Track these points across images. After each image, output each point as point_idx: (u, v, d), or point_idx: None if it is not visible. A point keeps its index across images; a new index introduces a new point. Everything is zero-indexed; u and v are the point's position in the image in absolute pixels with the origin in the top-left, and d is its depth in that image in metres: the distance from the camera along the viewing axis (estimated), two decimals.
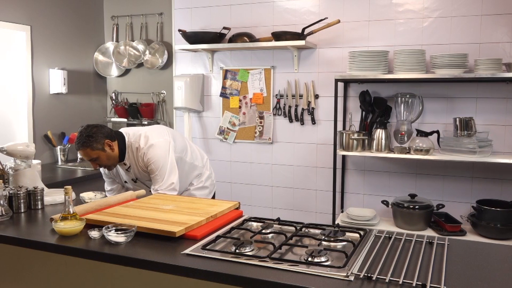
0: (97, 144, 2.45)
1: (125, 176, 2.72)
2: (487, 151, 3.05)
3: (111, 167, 2.61)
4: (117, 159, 2.56)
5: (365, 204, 3.62)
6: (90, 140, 2.44)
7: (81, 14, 4.34)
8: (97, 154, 2.46)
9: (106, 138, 2.49)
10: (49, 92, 4.05)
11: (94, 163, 2.50)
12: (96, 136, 2.46)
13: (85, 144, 2.43)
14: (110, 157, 2.52)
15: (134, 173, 2.65)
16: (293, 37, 3.55)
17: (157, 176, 2.54)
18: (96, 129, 2.49)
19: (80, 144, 2.45)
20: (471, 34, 3.25)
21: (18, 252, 1.91)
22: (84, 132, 2.46)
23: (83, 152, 2.46)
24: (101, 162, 2.51)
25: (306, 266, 1.50)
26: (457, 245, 1.78)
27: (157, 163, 2.54)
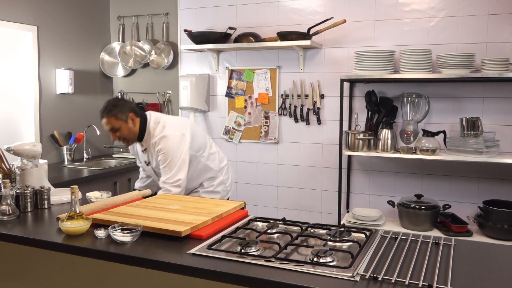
0: (122, 114, 2.53)
1: (141, 156, 2.77)
2: (494, 151, 3.03)
3: (129, 142, 2.65)
4: (136, 135, 2.62)
5: (371, 204, 3.61)
6: (116, 109, 2.52)
7: (88, 15, 4.36)
8: (120, 124, 2.53)
9: (131, 111, 2.57)
10: (55, 92, 4.07)
11: (115, 134, 2.56)
12: (123, 107, 2.55)
13: (111, 112, 2.51)
14: (131, 131, 2.58)
15: (148, 157, 2.69)
16: (298, 37, 3.54)
17: (165, 168, 2.55)
18: (123, 101, 2.61)
19: (106, 111, 2.52)
20: (478, 34, 3.23)
21: (24, 251, 1.92)
22: (111, 101, 2.56)
23: (107, 120, 2.53)
24: (121, 134, 2.56)
25: (312, 266, 1.50)
26: (463, 245, 1.77)
27: (166, 155, 2.54)
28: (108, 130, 2.58)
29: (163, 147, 2.55)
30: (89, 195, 2.38)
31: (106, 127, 2.56)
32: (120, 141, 2.64)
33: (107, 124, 2.55)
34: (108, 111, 2.53)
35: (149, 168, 2.77)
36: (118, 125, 2.53)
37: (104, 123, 2.56)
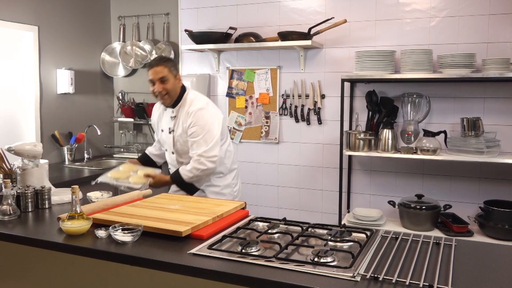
0: (174, 69, 2.64)
1: (165, 123, 2.78)
2: (495, 152, 3.03)
3: (167, 100, 2.66)
4: (176, 95, 2.67)
5: (372, 205, 3.61)
6: (171, 62, 2.65)
7: (88, 15, 4.36)
8: (169, 76, 2.59)
9: (178, 72, 2.70)
10: (56, 92, 4.07)
11: (162, 84, 2.58)
12: (175, 64, 2.70)
13: (165, 63, 2.59)
14: (174, 87, 2.64)
15: (175, 125, 2.71)
16: (299, 37, 3.54)
17: (200, 140, 2.58)
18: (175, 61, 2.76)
19: (162, 60, 2.60)
20: (479, 34, 3.23)
21: (25, 251, 1.92)
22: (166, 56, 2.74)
23: (161, 67, 2.57)
24: (167, 86, 2.60)
25: (312, 266, 1.50)
26: (464, 245, 1.76)
27: (203, 126, 2.59)
28: (156, 79, 2.58)
29: (200, 118, 2.60)
30: (89, 195, 2.39)
31: (156, 75, 2.57)
32: (159, 96, 2.64)
33: (158, 73, 2.56)
34: (164, 60, 2.61)
35: (169, 136, 2.76)
36: (167, 77, 2.58)
37: (154, 70, 2.57)
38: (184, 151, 2.72)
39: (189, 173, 2.61)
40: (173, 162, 2.83)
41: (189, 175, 2.61)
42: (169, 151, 2.82)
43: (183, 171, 2.63)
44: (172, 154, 2.80)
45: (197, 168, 2.60)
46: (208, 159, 2.59)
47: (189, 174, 2.61)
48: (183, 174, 2.62)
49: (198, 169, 2.60)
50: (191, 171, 2.61)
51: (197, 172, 2.60)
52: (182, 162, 2.76)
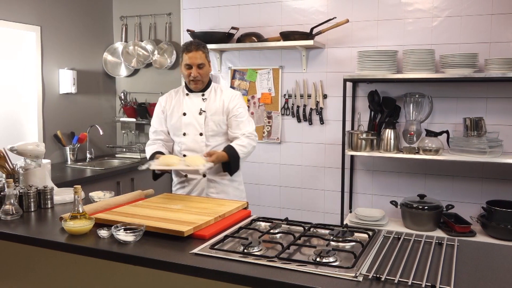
0: (208, 55, 2.70)
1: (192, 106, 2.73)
2: (498, 152, 3.02)
3: (200, 85, 2.69)
4: (207, 81, 2.74)
5: (374, 205, 3.61)
6: (207, 49, 2.69)
7: (90, 15, 4.37)
8: (205, 63, 2.65)
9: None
10: (58, 92, 4.08)
11: (199, 70, 2.62)
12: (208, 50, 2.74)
13: (203, 49, 2.65)
14: (207, 73, 2.71)
15: (206, 107, 2.71)
16: (301, 37, 3.54)
17: (246, 120, 2.73)
18: None
19: (200, 46, 2.64)
20: (481, 34, 3.22)
21: (28, 251, 1.93)
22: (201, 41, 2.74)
23: (199, 53, 2.62)
24: (203, 72, 2.65)
25: (315, 266, 1.50)
26: (467, 246, 1.76)
27: (246, 110, 2.77)
28: (194, 64, 2.61)
29: (242, 102, 2.77)
30: (92, 195, 2.39)
31: (195, 60, 2.60)
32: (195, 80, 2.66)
33: (197, 58, 2.60)
34: (202, 46, 2.64)
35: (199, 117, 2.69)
36: (204, 62, 2.64)
37: (194, 55, 2.60)
38: (215, 132, 2.70)
39: (244, 148, 2.64)
40: (198, 145, 2.69)
41: (244, 150, 2.65)
42: (194, 134, 2.70)
43: (238, 146, 2.63)
44: (200, 136, 2.69)
45: (251, 144, 2.69)
46: (256, 137, 2.74)
47: (244, 150, 2.64)
48: (238, 149, 2.62)
49: (251, 145, 2.69)
50: (246, 146, 2.65)
51: (250, 148, 2.69)
52: (208, 145, 2.69)
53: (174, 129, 2.77)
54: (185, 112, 2.73)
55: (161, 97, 2.87)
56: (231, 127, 2.71)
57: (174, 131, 2.78)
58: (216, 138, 2.72)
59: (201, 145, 2.70)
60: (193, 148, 2.72)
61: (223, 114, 2.71)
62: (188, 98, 2.76)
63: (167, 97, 2.84)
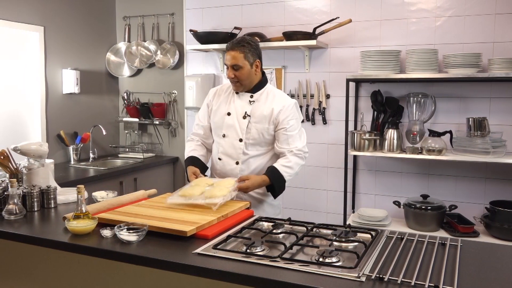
0: (251, 55, 2.38)
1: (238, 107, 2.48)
2: (501, 152, 3.01)
3: (240, 88, 2.45)
4: (253, 84, 2.45)
5: (377, 205, 3.60)
6: (248, 47, 2.37)
7: (94, 15, 4.37)
8: (244, 64, 2.37)
9: (259, 58, 2.44)
10: (62, 92, 4.09)
11: (234, 71, 2.38)
12: (256, 48, 2.41)
13: (242, 48, 2.36)
14: (250, 76, 2.41)
15: (252, 111, 2.45)
16: (304, 37, 3.54)
17: (297, 135, 2.44)
18: (256, 44, 2.43)
19: (238, 45, 2.36)
20: (485, 33, 3.21)
21: (31, 250, 1.93)
22: (247, 38, 2.42)
23: (235, 53, 2.36)
24: (240, 74, 2.38)
25: (317, 266, 1.50)
26: (470, 246, 1.76)
27: (298, 121, 2.48)
28: (230, 64, 2.38)
29: (296, 114, 2.46)
30: (95, 195, 2.39)
31: (230, 61, 2.37)
32: (233, 81, 2.44)
33: (232, 59, 2.36)
34: (241, 45, 2.36)
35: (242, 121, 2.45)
36: (242, 64, 2.35)
37: (229, 56, 2.37)
38: (257, 141, 2.45)
39: (291, 170, 2.39)
40: (235, 151, 2.47)
41: (290, 172, 2.39)
42: (234, 138, 2.47)
43: (283, 168, 2.37)
44: (238, 142, 2.45)
45: (298, 164, 2.44)
46: (305, 154, 2.48)
47: (290, 171, 2.39)
48: (284, 171, 2.36)
49: (299, 164, 2.44)
50: (292, 167, 2.40)
51: (297, 168, 2.44)
52: (246, 154, 2.46)
53: (216, 127, 2.55)
54: (230, 112, 2.49)
55: (212, 89, 2.65)
56: (279, 141, 2.44)
57: (215, 129, 2.56)
58: (257, 148, 2.47)
59: (238, 151, 2.46)
60: (229, 154, 2.49)
61: (269, 123, 2.42)
62: (237, 97, 2.50)
63: (217, 91, 2.61)
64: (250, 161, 2.48)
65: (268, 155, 2.50)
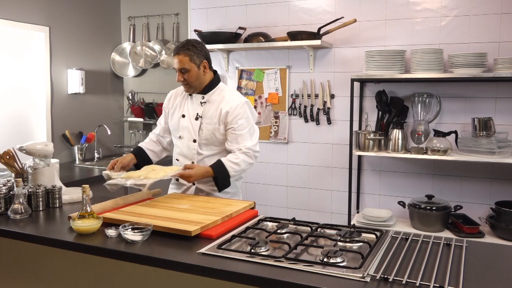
0: (197, 57, 2.43)
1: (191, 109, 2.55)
2: (507, 152, 3.00)
3: (191, 89, 2.51)
4: (203, 85, 2.50)
5: (381, 205, 3.59)
6: (194, 50, 2.43)
7: (99, 15, 4.39)
8: (191, 67, 2.42)
9: (206, 59, 2.49)
10: (67, 92, 4.10)
11: (182, 74, 2.44)
12: (201, 50, 2.46)
13: (187, 51, 2.41)
14: (199, 77, 2.46)
15: (204, 112, 2.51)
16: (308, 37, 3.53)
17: (247, 134, 2.48)
18: (201, 45, 2.49)
19: (183, 49, 2.42)
20: (490, 33, 3.19)
21: (36, 250, 1.94)
22: (192, 41, 2.47)
23: (181, 57, 2.41)
24: (188, 77, 2.44)
25: (322, 266, 1.50)
26: (475, 247, 1.75)
27: (249, 120, 2.51)
28: (177, 68, 2.44)
29: (246, 112, 2.50)
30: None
31: (177, 65, 2.44)
32: (183, 85, 2.51)
33: (179, 63, 2.42)
34: (185, 49, 2.41)
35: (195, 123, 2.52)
36: (188, 67, 2.41)
37: (175, 60, 2.44)
38: (209, 141, 2.51)
39: (236, 166, 2.43)
40: (190, 152, 2.56)
41: (236, 168, 2.43)
42: (188, 139, 2.55)
43: (229, 163, 2.41)
44: (192, 143, 2.54)
45: (246, 161, 2.46)
46: (255, 153, 2.50)
47: (236, 167, 2.43)
48: (229, 166, 2.41)
49: (246, 162, 2.46)
50: (239, 163, 2.43)
51: (245, 166, 2.46)
52: (201, 154, 2.54)
53: (173, 130, 2.65)
54: (184, 114, 2.58)
55: (170, 92, 2.73)
56: (228, 140, 2.49)
57: (173, 132, 2.67)
58: (211, 147, 2.53)
59: (192, 152, 2.55)
60: (185, 154, 2.58)
61: (219, 123, 2.48)
62: (190, 99, 2.58)
63: (173, 94, 2.70)
64: (205, 161, 2.53)
65: (223, 154, 2.54)
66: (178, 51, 2.43)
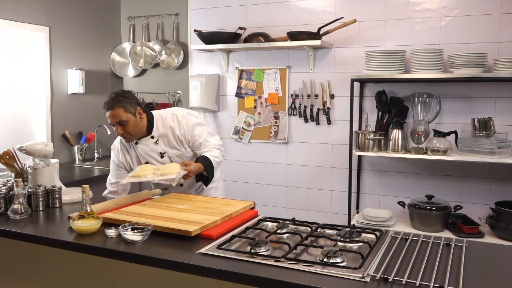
0: (131, 107, 2.43)
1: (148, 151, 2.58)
2: (507, 152, 3.00)
3: (133, 138, 2.51)
4: (144, 129, 2.53)
5: (381, 205, 3.59)
6: (126, 101, 2.42)
7: (99, 15, 4.39)
8: (128, 117, 2.41)
9: (138, 105, 2.51)
10: (67, 92, 4.10)
11: (121, 127, 2.42)
12: (131, 99, 2.47)
13: (120, 103, 2.39)
14: (138, 125, 2.47)
15: (162, 147, 2.58)
16: (308, 37, 3.53)
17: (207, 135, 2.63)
18: (130, 94, 2.50)
19: (115, 102, 2.39)
20: (490, 33, 3.20)
21: (36, 250, 1.94)
22: (120, 92, 2.46)
23: (115, 112, 2.38)
24: (128, 128, 2.43)
25: (322, 266, 1.50)
26: (475, 247, 1.75)
27: (200, 124, 2.63)
28: (114, 123, 2.41)
29: (191, 121, 2.59)
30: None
31: (113, 119, 2.40)
32: (124, 137, 2.49)
33: (114, 117, 2.38)
34: (117, 102, 2.38)
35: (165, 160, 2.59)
36: (126, 118, 2.40)
37: (110, 115, 2.39)
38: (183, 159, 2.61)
39: (217, 158, 2.59)
40: None
41: (217, 160, 2.58)
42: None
43: (211, 156, 2.56)
44: None
45: (222, 154, 2.65)
46: (222, 148, 2.69)
47: (216, 160, 2.58)
48: (212, 159, 2.55)
49: (222, 155, 2.65)
50: (218, 156, 2.60)
51: (221, 158, 2.64)
52: None
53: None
54: (147, 161, 2.59)
55: (112, 151, 2.68)
56: (198, 149, 2.61)
57: None
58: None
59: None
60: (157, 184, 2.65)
61: (182, 146, 2.59)
62: (139, 146, 2.58)
63: (118, 152, 2.65)
64: None
65: None
66: (111, 106, 2.39)
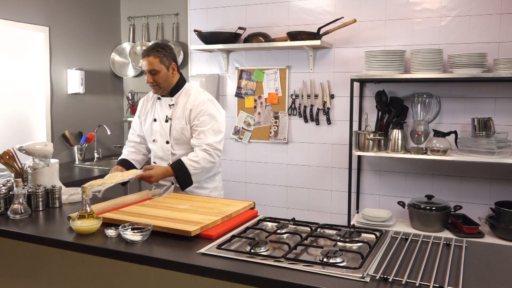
0: (167, 59, 2.52)
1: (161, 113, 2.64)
2: (506, 152, 3.00)
3: (160, 90, 2.59)
4: (171, 86, 2.59)
5: (381, 205, 3.59)
6: (164, 52, 2.52)
7: (98, 15, 4.39)
8: (160, 68, 2.51)
9: (175, 61, 2.58)
10: (67, 92, 4.10)
11: (152, 76, 2.51)
12: (169, 53, 2.55)
13: (157, 53, 2.49)
14: (168, 79, 2.55)
15: (173, 114, 2.60)
16: (308, 37, 3.53)
17: (209, 130, 2.54)
18: (169, 48, 2.57)
19: (153, 50, 2.49)
20: (490, 33, 3.20)
21: (36, 250, 1.94)
22: (160, 44, 2.57)
23: (151, 59, 2.49)
24: (158, 78, 2.52)
25: (322, 266, 1.50)
26: (475, 247, 1.75)
27: (213, 117, 2.56)
28: (147, 70, 2.52)
29: (210, 109, 2.56)
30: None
31: (146, 67, 2.51)
32: (152, 86, 2.57)
33: (149, 64, 2.49)
34: (155, 51, 2.50)
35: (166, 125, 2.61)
36: (158, 68, 2.50)
37: (145, 62, 2.51)
38: (180, 140, 2.60)
39: (196, 164, 2.48)
40: (165, 153, 2.65)
41: (196, 165, 2.48)
42: (162, 141, 2.65)
43: (188, 161, 2.47)
44: (166, 144, 2.63)
45: (206, 159, 2.50)
46: (216, 151, 2.54)
47: (196, 165, 2.48)
48: (188, 164, 2.47)
49: (206, 159, 2.50)
50: (199, 161, 2.48)
51: (204, 163, 2.50)
52: (174, 154, 2.62)
53: (146, 135, 2.74)
54: (156, 118, 2.67)
55: (141, 99, 2.81)
56: (193, 136, 2.57)
57: (147, 137, 2.74)
58: (183, 147, 2.61)
59: (167, 153, 2.64)
60: (161, 156, 2.67)
61: (186, 122, 2.57)
62: (159, 103, 2.67)
63: (143, 101, 2.78)
64: None
65: None
66: (148, 53, 2.51)
